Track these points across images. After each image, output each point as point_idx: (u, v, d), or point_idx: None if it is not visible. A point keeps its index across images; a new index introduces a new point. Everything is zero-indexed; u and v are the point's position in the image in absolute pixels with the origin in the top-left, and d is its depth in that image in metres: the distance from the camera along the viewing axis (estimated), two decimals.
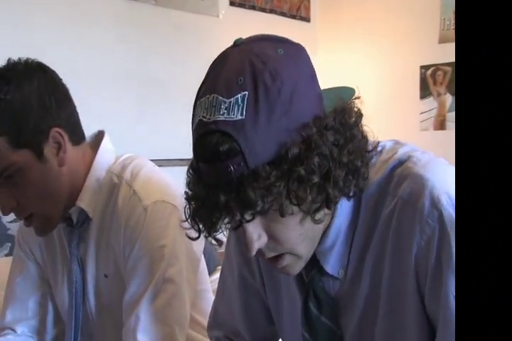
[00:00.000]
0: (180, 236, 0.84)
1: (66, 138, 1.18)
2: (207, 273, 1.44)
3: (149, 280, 1.20)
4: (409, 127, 3.68)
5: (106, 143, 1.29)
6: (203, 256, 1.36)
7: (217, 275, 1.17)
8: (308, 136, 0.75)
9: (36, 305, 1.39)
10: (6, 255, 2.15)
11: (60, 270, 1.33)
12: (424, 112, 3.75)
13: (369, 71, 3.81)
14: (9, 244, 2.17)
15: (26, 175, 1.13)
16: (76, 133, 1.21)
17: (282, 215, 0.76)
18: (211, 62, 0.81)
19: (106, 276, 1.28)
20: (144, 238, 1.19)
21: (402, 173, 0.83)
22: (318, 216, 0.79)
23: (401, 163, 0.85)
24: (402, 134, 1.89)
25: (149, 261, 1.20)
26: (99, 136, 1.30)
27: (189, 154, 0.81)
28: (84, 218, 1.25)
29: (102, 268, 1.28)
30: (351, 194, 0.81)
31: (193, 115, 0.79)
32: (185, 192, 0.82)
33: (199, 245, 1.31)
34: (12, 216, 2.18)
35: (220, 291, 1.15)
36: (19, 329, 1.37)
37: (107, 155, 1.28)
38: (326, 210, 0.80)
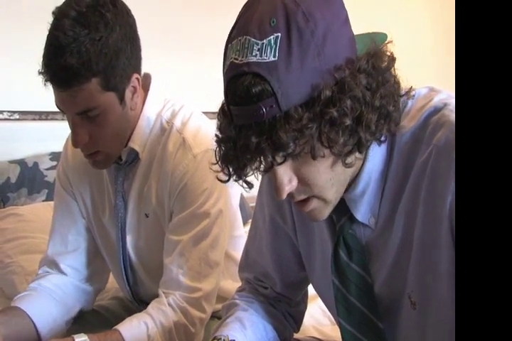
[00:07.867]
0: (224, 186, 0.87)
1: (140, 83, 1.23)
2: (241, 220, 1.49)
3: (196, 224, 1.25)
4: (449, 82, 3.59)
5: (154, 86, 1.32)
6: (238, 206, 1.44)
7: (248, 227, 1.20)
8: (341, 79, 0.74)
9: (75, 239, 1.44)
10: (44, 201, 2.20)
11: (107, 206, 1.38)
12: None
13: (412, 24, 3.71)
14: (46, 191, 2.21)
15: (107, 116, 1.18)
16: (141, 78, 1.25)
17: (314, 158, 0.75)
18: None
19: (147, 216, 1.32)
20: (191, 183, 1.24)
21: (437, 121, 0.82)
22: (349, 159, 0.79)
23: (437, 110, 0.83)
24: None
25: (195, 205, 1.24)
26: (148, 78, 1.33)
27: None
28: (133, 158, 1.30)
29: (143, 207, 1.32)
30: (382, 138, 0.81)
31: (224, 58, 0.79)
32: (216, 135, 0.82)
33: (236, 198, 1.39)
34: (49, 163, 2.25)
35: (252, 234, 1.16)
36: (61, 262, 1.42)
37: (155, 98, 1.32)
38: (357, 154, 0.79)
